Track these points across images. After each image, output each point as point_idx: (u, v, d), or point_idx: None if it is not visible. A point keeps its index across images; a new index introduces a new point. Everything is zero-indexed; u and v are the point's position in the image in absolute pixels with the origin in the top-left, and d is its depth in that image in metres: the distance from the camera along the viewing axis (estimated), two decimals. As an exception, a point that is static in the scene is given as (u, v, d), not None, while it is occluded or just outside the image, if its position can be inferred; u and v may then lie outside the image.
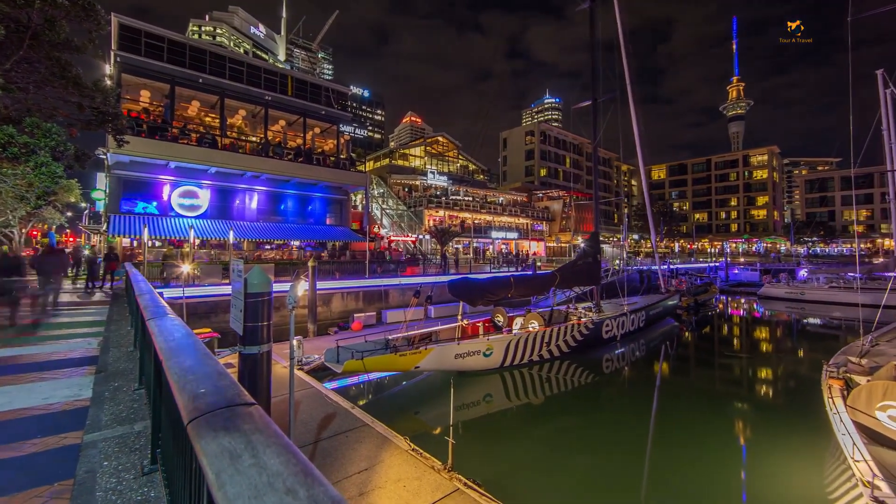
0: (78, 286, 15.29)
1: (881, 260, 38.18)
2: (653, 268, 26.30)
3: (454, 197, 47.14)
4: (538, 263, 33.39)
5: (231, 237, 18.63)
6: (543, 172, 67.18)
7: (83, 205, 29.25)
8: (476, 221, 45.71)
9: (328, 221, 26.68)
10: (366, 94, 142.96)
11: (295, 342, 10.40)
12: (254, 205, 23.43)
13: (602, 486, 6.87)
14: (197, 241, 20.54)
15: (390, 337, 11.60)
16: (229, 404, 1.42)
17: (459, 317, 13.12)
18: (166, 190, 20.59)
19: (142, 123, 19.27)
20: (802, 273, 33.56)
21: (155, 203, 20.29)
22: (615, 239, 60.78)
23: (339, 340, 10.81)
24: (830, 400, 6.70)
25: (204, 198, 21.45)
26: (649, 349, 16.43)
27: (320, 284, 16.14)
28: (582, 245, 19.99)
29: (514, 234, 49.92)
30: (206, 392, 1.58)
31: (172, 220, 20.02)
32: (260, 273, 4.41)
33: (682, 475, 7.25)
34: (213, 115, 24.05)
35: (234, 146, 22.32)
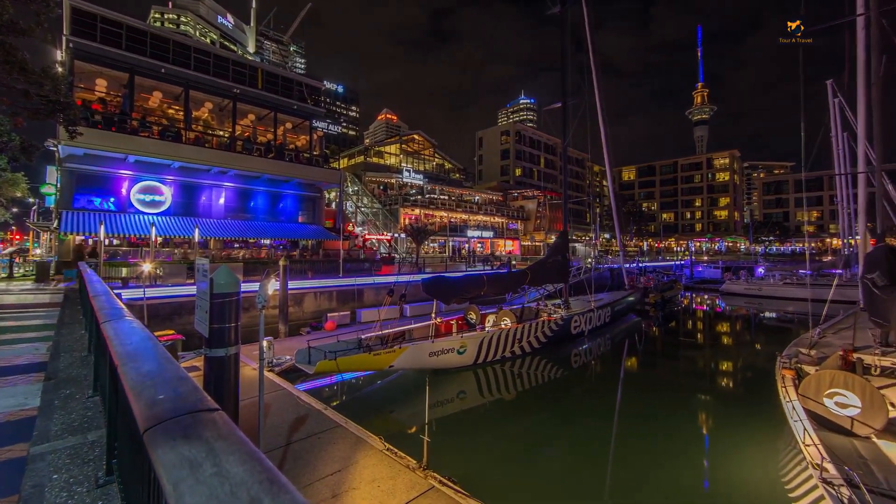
0: (26, 287, 14.25)
1: (829, 258, 41.03)
2: (618, 266, 27.20)
3: (430, 195, 47.06)
4: (513, 262, 33.85)
5: (196, 235, 17.85)
6: (518, 172, 68.12)
7: (31, 200, 27.30)
8: (452, 220, 45.83)
9: (300, 219, 26.03)
10: (340, 89, 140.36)
11: (265, 343, 10.11)
12: (221, 201, 22.55)
13: (572, 476, 7.05)
14: (159, 240, 19.56)
15: (364, 336, 11.46)
16: (190, 411, 1.36)
17: (433, 315, 13.12)
18: (125, 185, 19.49)
19: (97, 114, 18.14)
20: (760, 270, 35.58)
21: (112, 199, 19.17)
22: (587, 238, 62.48)
23: (310, 341, 10.57)
24: (784, 389, 7.12)
25: (167, 194, 20.46)
26: (614, 343, 17.04)
27: (292, 284, 15.73)
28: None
29: (489, 233, 50.39)
30: (164, 398, 1.50)
31: (132, 216, 18.98)
32: (227, 272, 4.24)
33: (648, 463, 7.54)
34: (177, 108, 22.94)
35: (200, 140, 21.40)
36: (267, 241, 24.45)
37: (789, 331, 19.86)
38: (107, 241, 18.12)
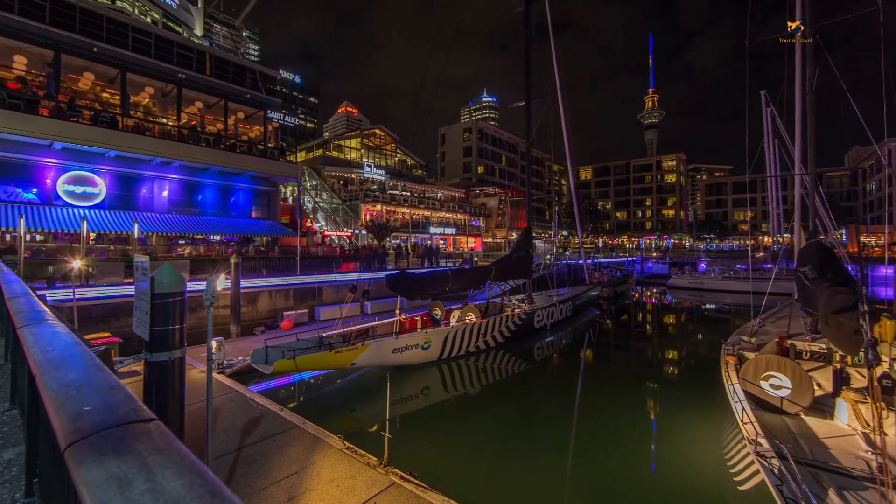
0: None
1: (761, 254, 45.05)
2: (579, 262, 28.29)
3: (392, 191, 46.53)
4: (475, 259, 34.27)
5: (136, 231, 16.51)
6: (481, 169, 68.96)
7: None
8: (414, 216, 45.60)
9: (254, 214, 24.80)
10: (297, 79, 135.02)
11: (214, 344, 9.56)
12: (165, 194, 20.99)
13: (533, 466, 7.26)
14: (92, 235, 17.91)
15: (325, 334, 11.14)
16: (122, 422, 1.23)
17: (397, 311, 12.99)
18: (51, 174, 17.63)
19: (15, 95, 16.24)
20: (702, 266, 38.40)
21: (35, 189, 17.28)
22: (546, 235, 64.49)
23: (268, 340, 10.13)
24: (727, 374, 7.71)
25: (100, 185, 18.73)
26: (575, 336, 17.70)
27: (246, 282, 14.99)
28: (516, 240, 20.88)
29: (452, 230, 50.68)
30: (91, 410, 1.35)
31: (59, 209, 17.22)
32: (170, 270, 3.94)
33: (605, 450, 7.93)
34: (113, 91, 21.02)
35: (140, 128, 19.74)
36: (217, 238, 23.10)
37: (727, 321, 21.60)
38: (28, 237, 16.33)
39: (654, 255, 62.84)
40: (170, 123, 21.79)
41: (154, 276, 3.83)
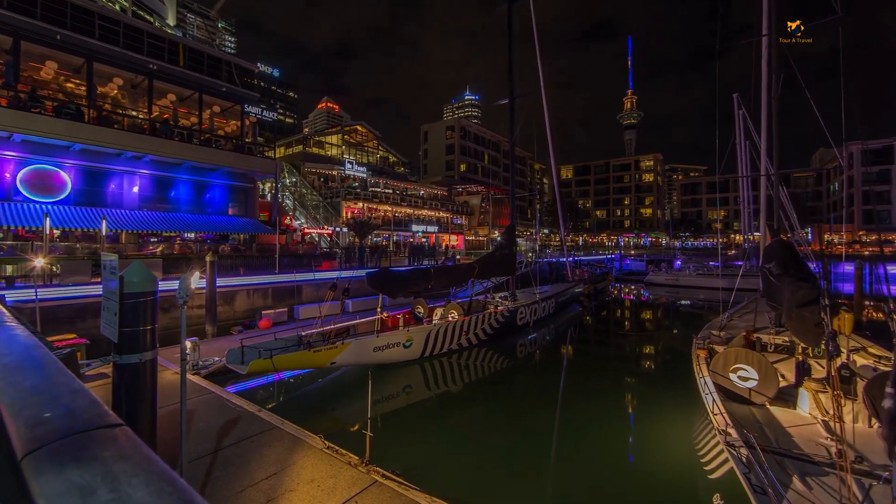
0: None
1: (733, 252, 46.82)
2: (561, 259, 28.73)
3: (374, 189, 46.09)
4: (458, 257, 34.37)
5: (104, 228, 15.82)
6: (463, 167, 69.05)
7: None
8: (396, 214, 45.32)
9: (231, 212, 24.13)
10: (275, 73, 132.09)
11: (188, 344, 9.28)
12: (135, 190, 20.17)
13: (515, 462, 7.35)
14: (56, 232, 17.08)
15: (304, 333, 10.96)
16: (85, 429, 1.17)
17: (379, 309, 12.88)
18: (10, 168, 16.69)
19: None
20: (678, 263, 39.59)
21: (-6, 184, 16.35)
22: (528, 233, 65.17)
23: (243, 339, 9.88)
24: (698, 367, 7.97)
25: (65, 180, 17.85)
26: (558, 333, 17.96)
27: (222, 281, 14.58)
28: (499, 238, 20.94)
29: (434, 228, 50.61)
30: (52, 416, 1.28)
31: (19, 205, 16.34)
32: (141, 269, 3.80)
33: (585, 444, 8.08)
34: (79, 82, 20.04)
35: (108, 120, 18.90)
36: (192, 235, 22.38)
37: (700, 316, 22.33)
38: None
39: (633, 252, 64.38)
40: (140, 116, 20.95)
41: (123, 275, 3.69)
